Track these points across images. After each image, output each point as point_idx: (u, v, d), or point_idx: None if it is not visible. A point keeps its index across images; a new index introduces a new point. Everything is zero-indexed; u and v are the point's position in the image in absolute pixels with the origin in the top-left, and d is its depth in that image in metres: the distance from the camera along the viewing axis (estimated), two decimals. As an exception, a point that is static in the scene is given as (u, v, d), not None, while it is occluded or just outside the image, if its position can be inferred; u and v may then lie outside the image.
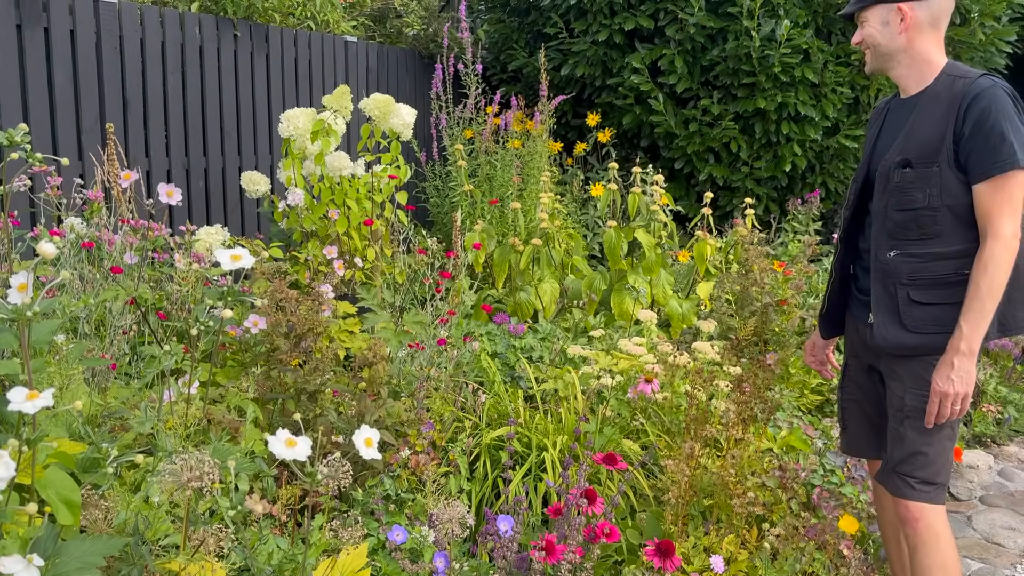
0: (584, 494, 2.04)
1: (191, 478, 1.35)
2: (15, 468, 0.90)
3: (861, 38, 1.97)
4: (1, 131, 1.32)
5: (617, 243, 4.04)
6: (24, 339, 1.08)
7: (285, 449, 1.20)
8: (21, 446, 1.06)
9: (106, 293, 1.92)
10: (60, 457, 1.21)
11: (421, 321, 2.19)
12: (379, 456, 1.29)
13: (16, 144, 1.33)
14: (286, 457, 1.19)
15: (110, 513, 1.47)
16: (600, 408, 2.87)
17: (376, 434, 1.32)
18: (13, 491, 1.19)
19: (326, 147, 3.60)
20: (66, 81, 3.68)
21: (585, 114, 5.99)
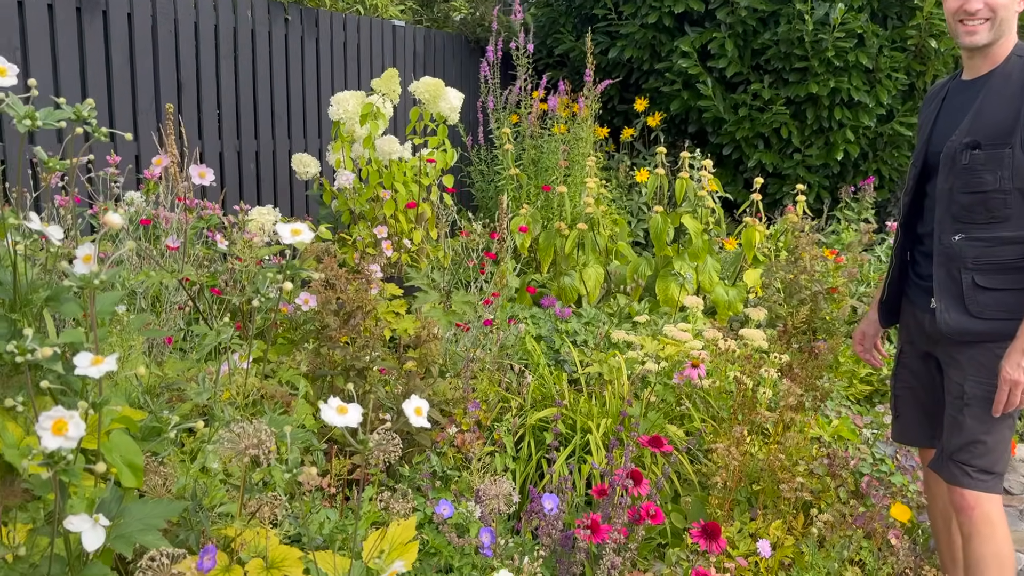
0: (630, 475, 2.04)
1: (249, 445, 1.39)
2: (84, 429, 0.93)
3: (983, 4, 1.86)
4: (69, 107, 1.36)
5: (663, 229, 4.01)
6: (91, 307, 1.11)
7: (337, 416, 1.22)
8: (88, 409, 1.10)
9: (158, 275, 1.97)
10: (124, 422, 1.25)
11: (470, 301, 2.21)
12: (428, 425, 1.31)
13: (83, 119, 1.37)
14: (337, 424, 1.21)
15: (168, 480, 1.51)
16: (644, 393, 2.86)
17: (425, 404, 1.34)
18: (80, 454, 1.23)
19: (375, 130, 3.63)
20: (123, 64, 3.76)
21: (631, 99, 5.94)
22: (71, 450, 0.96)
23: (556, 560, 2.01)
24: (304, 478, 2.17)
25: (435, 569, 1.94)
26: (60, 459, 0.96)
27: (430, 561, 1.96)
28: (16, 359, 0.99)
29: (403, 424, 2.45)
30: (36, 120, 1.29)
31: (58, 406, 0.93)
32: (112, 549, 1.21)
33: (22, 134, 1.26)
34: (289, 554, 1.53)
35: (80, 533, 1.10)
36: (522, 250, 3.97)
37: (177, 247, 2.35)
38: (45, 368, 1.42)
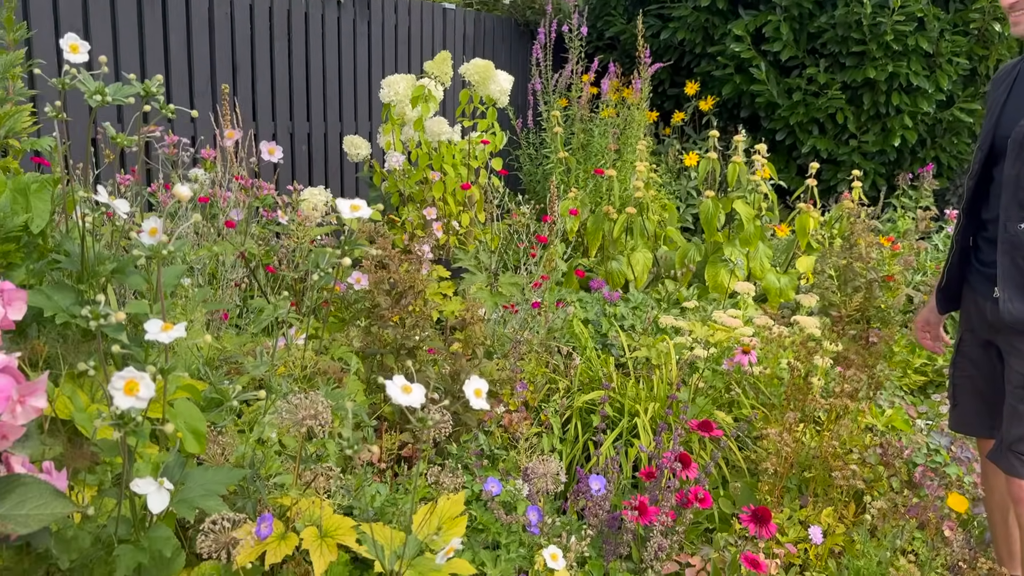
0: (679, 458, 2.03)
1: (306, 416, 1.42)
2: (154, 391, 0.96)
3: None
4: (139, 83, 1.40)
5: (714, 214, 3.96)
6: (159, 276, 1.14)
7: (402, 395, 1.23)
8: (156, 375, 1.13)
9: (219, 247, 2.01)
10: (188, 390, 1.29)
11: (517, 283, 2.21)
12: (487, 406, 1.32)
13: (151, 95, 1.41)
14: (402, 403, 1.23)
15: (227, 449, 1.55)
16: (693, 378, 2.84)
17: (484, 385, 1.35)
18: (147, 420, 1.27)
19: (425, 112, 3.65)
20: (180, 46, 3.83)
21: (682, 83, 5.86)
22: (140, 411, 0.99)
23: (603, 540, 2.02)
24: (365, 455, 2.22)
25: (483, 545, 1.96)
26: (130, 420, 0.99)
27: (478, 537, 1.98)
28: (90, 324, 1.02)
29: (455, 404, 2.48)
30: (106, 95, 1.33)
31: (129, 367, 0.96)
32: (175, 513, 1.25)
33: (94, 109, 1.30)
34: (342, 524, 1.56)
35: (145, 496, 1.13)
36: (570, 234, 3.96)
37: (235, 224, 2.39)
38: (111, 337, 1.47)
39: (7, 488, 1.00)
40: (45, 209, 1.55)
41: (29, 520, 0.99)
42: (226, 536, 1.13)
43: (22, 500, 1.00)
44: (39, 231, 1.54)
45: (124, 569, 1.10)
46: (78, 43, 1.35)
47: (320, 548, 1.49)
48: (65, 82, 1.34)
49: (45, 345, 1.26)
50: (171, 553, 1.15)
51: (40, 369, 1.23)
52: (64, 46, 1.34)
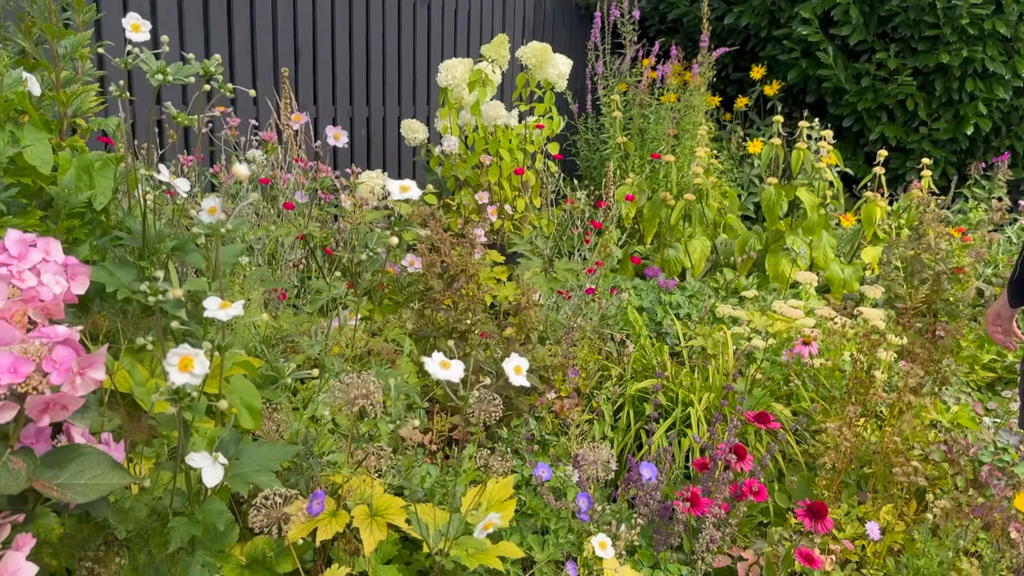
0: (733, 449, 1.99)
1: (358, 395, 1.43)
2: (208, 367, 0.98)
3: None
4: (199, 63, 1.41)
5: (776, 201, 3.87)
6: (216, 254, 1.16)
7: (440, 370, 1.23)
8: (212, 351, 1.15)
9: (280, 229, 2.04)
10: (244, 367, 1.31)
11: (572, 269, 2.19)
12: (528, 384, 1.31)
13: (210, 75, 1.42)
14: (440, 377, 1.23)
15: (281, 426, 1.58)
16: (750, 369, 2.79)
17: (525, 362, 1.34)
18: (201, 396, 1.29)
19: (482, 96, 3.64)
20: (244, 30, 3.89)
21: (747, 67, 5.73)
22: (195, 387, 1.00)
23: (654, 530, 2.00)
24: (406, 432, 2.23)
25: (532, 530, 1.95)
26: (185, 395, 1.01)
27: (527, 522, 1.98)
28: (149, 299, 1.04)
29: (502, 386, 2.47)
30: (167, 75, 1.35)
31: (184, 344, 0.97)
32: (229, 487, 1.27)
33: (154, 89, 1.32)
34: (392, 503, 1.57)
35: (200, 469, 1.15)
36: (626, 220, 3.92)
37: (294, 206, 2.42)
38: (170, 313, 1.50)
39: (68, 458, 1.03)
40: (108, 186, 1.59)
41: (88, 490, 1.02)
42: (278, 512, 1.14)
43: (81, 470, 1.03)
44: (102, 208, 1.58)
45: (178, 541, 1.12)
46: (140, 22, 1.37)
47: (370, 527, 1.50)
48: (128, 61, 1.37)
49: (105, 319, 1.29)
50: (224, 527, 1.18)
51: (100, 343, 1.26)
52: (126, 25, 1.36)
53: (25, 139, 1.47)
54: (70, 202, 1.55)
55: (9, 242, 1.20)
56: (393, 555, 1.70)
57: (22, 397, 0.93)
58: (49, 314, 1.18)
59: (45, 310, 1.17)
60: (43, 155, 1.51)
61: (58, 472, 1.02)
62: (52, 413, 0.94)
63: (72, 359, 0.94)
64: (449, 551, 1.54)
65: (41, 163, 1.51)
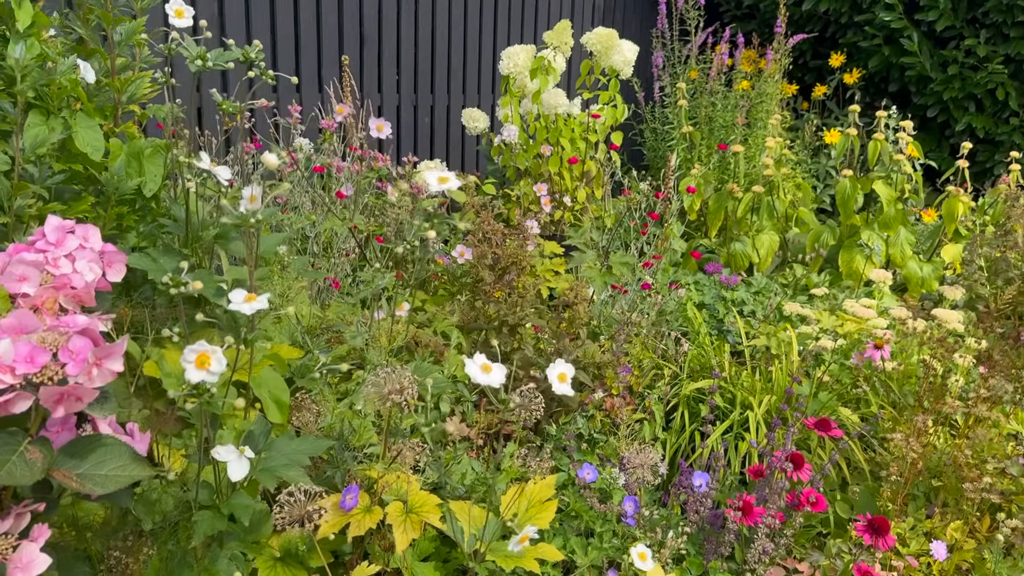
0: (790, 458, 1.90)
1: (391, 391, 1.39)
2: (226, 364, 0.95)
3: None
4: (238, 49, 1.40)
5: (852, 195, 3.69)
6: (248, 244, 1.14)
7: (481, 374, 1.19)
8: (238, 344, 1.13)
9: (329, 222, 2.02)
10: (274, 359, 1.29)
11: (628, 263, 2.12)
12: (571, 392, 1.26)
13: (251, 60, 1.40)
14: (481, 382, 1.19)
15: (320, 417, 1.56)
16: (816, 371, 2.66)
17: (570, 369, 1.28)
18: (233, 387, 1.27)
19: (544, 84, 3.57)
20: (310, 18, 3.91)
21: (825, 55, 5.51)
22: (215, 384, 0.98)
23: (704, 538, 1.92)
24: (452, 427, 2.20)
25: (575, 532, 1.90)
26: (204, 391, 0.99)
27: (571, 523, 1.92)
28: (171, 291, 1.02)
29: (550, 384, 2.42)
30: (207, 61, 1.33)
31: (201, 340, 0.95)
32: (258, 481, 1.25)
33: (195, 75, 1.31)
34: (428, 500, 1.53)
35: (227, 463, 1.14)
36: (690, 213, 3.80)
37: (345, 196, 2.41)
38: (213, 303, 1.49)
39: (89, 448, 1.02)
40: (158, 173, 1.60)
41: (107, 481, 1.01)
42: (301, 508, 1.12)
43: (102, 461, 1.02)
44: (151, 195, 1.59)
45: (201, 535, 1.11)
46: (183, 8, 1.36)
47: (404, 524, 1.47)
48: (171, 47, 1.36)
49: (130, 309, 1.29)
50: (249, 521, 1.16)
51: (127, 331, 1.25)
52: (169, 11, 1.35)
53: (77, 126, 1.48)
54: (120, 189, 1.56)
55: (48, 228, 1.20)
56: (430, 552, 1.67)
57: (38, 387, 0.92)
58: (81, 301, 1.18)
59: (77, 297, 1.16)
60: (94, 142, 1.52)
61: (79, 462, 1.01)
62: (67, 404, 0.93)
63: (88, 350, 0.93)
64: (485, 554, 1.50)
65: (92, 150, 1.52)
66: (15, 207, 1.25)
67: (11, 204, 1.24)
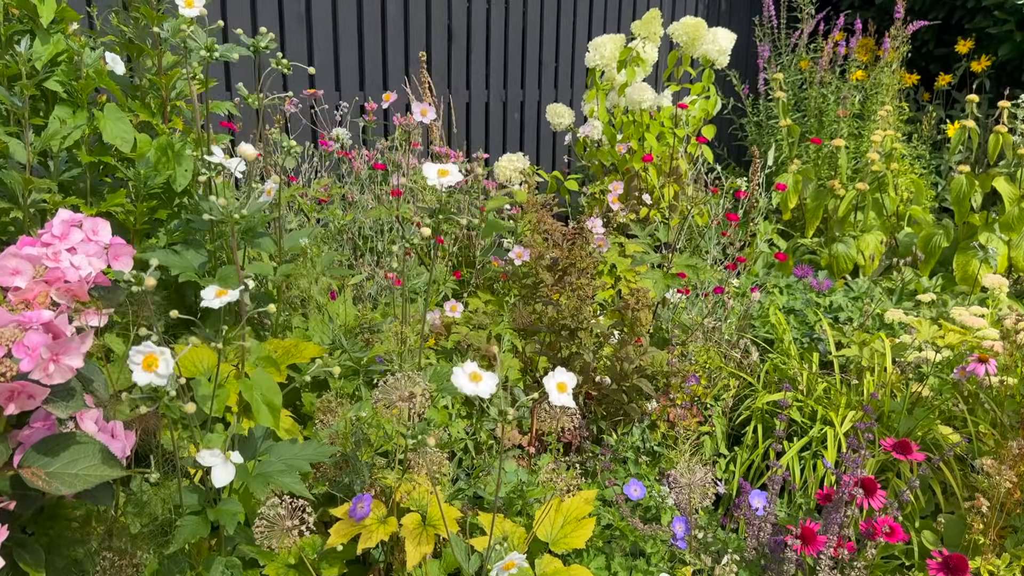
0: (861, 483, 1.71)
1: (400, 397, 1.32)
2: (173, 367, 0.90)
3: None
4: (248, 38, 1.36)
5: (968, 192, 3.36)
6: (232, 239, 1.09)
7: (468, 383, 1.10)
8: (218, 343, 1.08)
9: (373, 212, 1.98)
10: (266, 361, 1.24)
11: (692, 265, 1.97)
12: (571, 404, 1.15)
13: (260, 50, 1.36)
14: (467, 392, 1.10)
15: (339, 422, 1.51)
16: (913, 386, 2.42)
17: (571, 379, 1.17)
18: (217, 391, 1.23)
19: (631, 77, 3.43)
20: (397, 13, 3.91)
21: (951, 42, 5.07)
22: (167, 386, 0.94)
23: (764, 566, 1.75)
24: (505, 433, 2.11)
25: (623, 552, 1.78)
26: (164, 394, 0.95)
27: (620, 542, 1.80)
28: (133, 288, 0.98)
29: (614, 390, 2.29)
30: (214, 51, 1.30)
31: (147, 341, 0.91)
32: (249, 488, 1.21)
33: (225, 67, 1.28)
34: (450, 513, 1.46)
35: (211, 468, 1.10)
36: (784, 211, 3.56)
37: (400, 193, 2.37)
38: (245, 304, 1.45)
39: (62, 446, 1.00)
40: (188, 168, 1.59)
41: (77, 480, 0.98)
42: (281, 525, 1.06)
43: (74, 459, 1.00)
44: (181, 189, 1.58)
45: (181, 541, 1.07)
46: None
47: (419, 538, 1.40)
48: (185, 35, 1.33)
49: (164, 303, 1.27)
50: (234, 529, 1.11)
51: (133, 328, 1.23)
52: (179, 1, 1.33)
53: (105, 118, 1.48)
54: (149, 183, 1.56)
55: (56, 222, 1.20)
56: (457, 566, 1.59)
57: (-8, 384, 0.90)
58: (75, 296, 1.16)
59: (70, 291, 1.15)
60: (123, 133, 1.52)
61: (50, 460, 0.99)
62: (18, 402, 0.90)
63: (43, 345, 0.90)
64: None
65: (121, 141, 1.52)
66: (29, 200, 1.26)
67: (26, 198, 1.25)
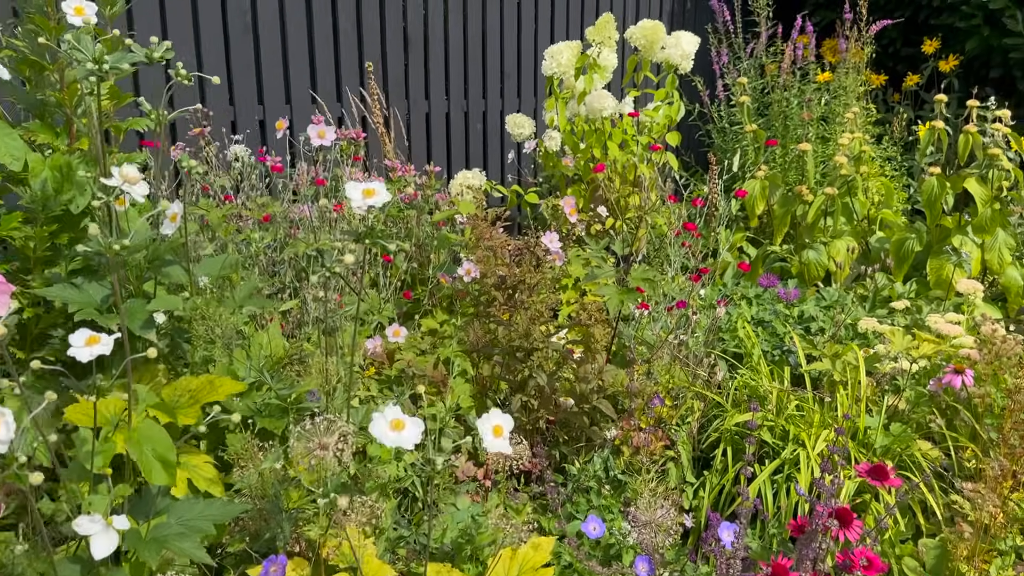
0: (836, 514, 1.59)
1: (320, 444, 1.19)
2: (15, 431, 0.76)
3: None
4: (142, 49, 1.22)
5: (939, 194, 3.28)
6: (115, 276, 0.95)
7: (390, 432, 0.97)
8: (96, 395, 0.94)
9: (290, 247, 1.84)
10: (159, 409, 1.10)
11: (649, 278, 1.85)
12: (508, 449, 1.02)
13: (155, 61, 1.23)
14: (388, 443, 0.96)
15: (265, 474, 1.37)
16: (890, 398, 2.31)
17: (508, 421, 1.05)
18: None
19: (589, 85, 3.32)
20: (350, 23, 3.78)
21: (918, 41, 5.02)
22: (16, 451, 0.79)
23: (734, 603, 1.63)
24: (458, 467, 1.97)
25: (583, 595, 1.65)
26: (12, 460, 0.80)
27: (580, 584, 1.67)
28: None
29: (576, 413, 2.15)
30: (104, 63, 1.16)
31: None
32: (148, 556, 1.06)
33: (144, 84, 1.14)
34: (382, 571, 1.32)
35: (89, 537, 0.95)
36: (751, 219, 3.46)
37: (340, 208, 2.23)
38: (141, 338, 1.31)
39: None
40: (87, 188, 1.45)
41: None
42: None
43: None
44: (79, 211, 1.44)
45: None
46: (83, 5, 1.19)
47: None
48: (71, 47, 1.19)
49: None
50: (119, 608, 0.97)
51: None
52: (67, 9, 1.19)
53: (-12, 138, 1.34)
54: (47, 206, 1.41)
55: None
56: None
57: None
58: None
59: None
60: (13, 151, 1.37)
61: None
62: None
63: None
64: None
65: (11, 160, 1.38)
66: None
67: None
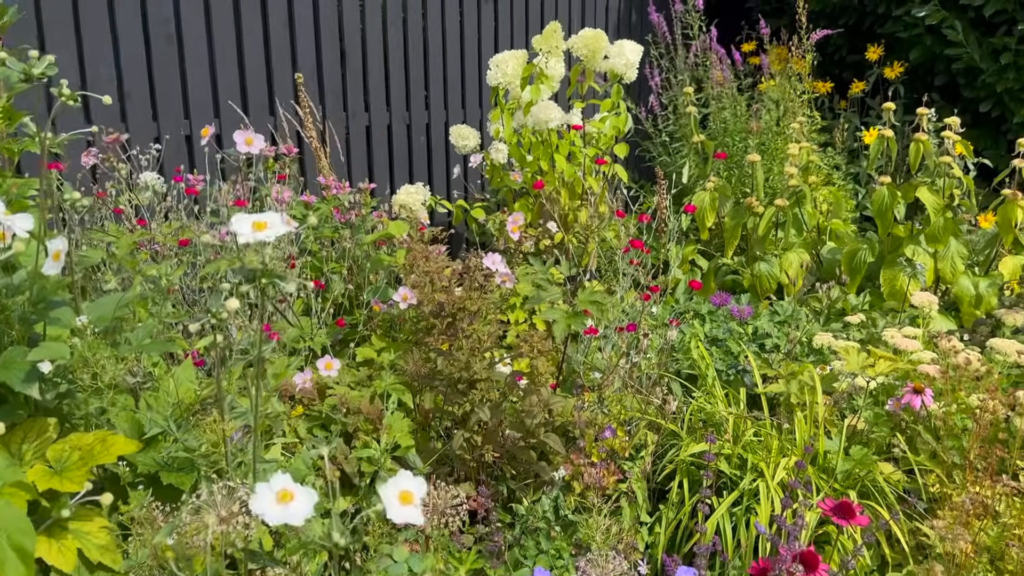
0: (800, 559, 1.48)
1: (222, 518, 1.03)
2: None
3: None
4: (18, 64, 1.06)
5: (891, 204, 3.23)
6: None
7: (274, 508, 0.82)
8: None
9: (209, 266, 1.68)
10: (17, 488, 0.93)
11: (596, 301, 1.73)
12: (419, 520, 0.88)
13: (34, 77, 1.07)
14: (272, 523, 0.82)
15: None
16: (849, 417, 2.23)
17: (419, 486, 0.91)
18: None
19: (535, 95, 3.20)
20: (282, 33, 3.60)
21: (863, 48, 5.03)
22: None
23: (695, 656, 1.51)
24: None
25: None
26: None
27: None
28: None
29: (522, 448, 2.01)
30: (-48, 82, 1.00)
31: None
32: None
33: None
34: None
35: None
36: (702, 232, 3.37)
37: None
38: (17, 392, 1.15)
39: None
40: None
41: None
42: None
43: None
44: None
45: None
46: (-69, 14, 1.03)
47: None
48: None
49: None
50: None
51: None
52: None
53: None
54: (-94, 246, 1.23)
55: None
56: None
57: None
58: None
59: None
60: None
61: None
62: None
63: None
64: None
65: None
66: None
67: None
